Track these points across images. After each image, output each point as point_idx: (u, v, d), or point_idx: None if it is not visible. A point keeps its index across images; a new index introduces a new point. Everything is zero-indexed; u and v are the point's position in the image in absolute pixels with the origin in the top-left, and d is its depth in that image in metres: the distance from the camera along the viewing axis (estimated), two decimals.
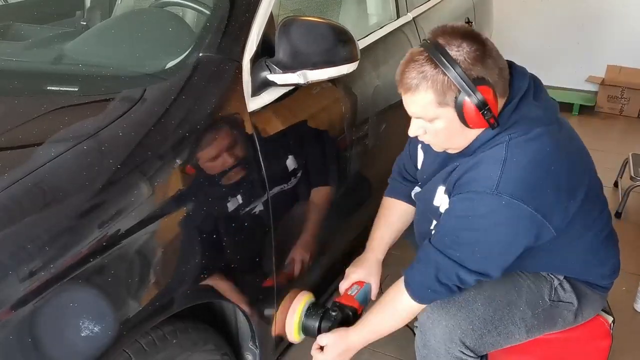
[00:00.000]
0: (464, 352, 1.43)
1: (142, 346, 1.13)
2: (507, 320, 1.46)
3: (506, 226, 1.31)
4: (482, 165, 1.32)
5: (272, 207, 1.40)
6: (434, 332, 1.44)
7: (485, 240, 1.33)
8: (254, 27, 1.38)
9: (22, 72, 1.42)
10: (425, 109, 1.30)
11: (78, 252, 0.95)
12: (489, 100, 1.25)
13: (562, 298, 1.50)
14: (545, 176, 1.29)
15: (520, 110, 1.33)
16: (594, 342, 1.66)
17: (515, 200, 1.26)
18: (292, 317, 1.59)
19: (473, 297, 1.45)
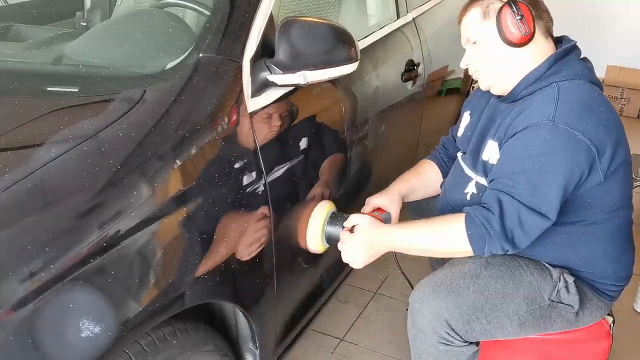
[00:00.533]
0: (450, 334, 1.43)
1: (142, 347, 1.13)
2: (499, 311, 1.45)
3: (564, 153, 1.32)
4: (535, 105, 1.37)
5: (272, 207, 1.40)
6: (422, 312, 1.44)
7: (545, 171, 1.33)
8: (253, 28, 1.39)
9: (22, 72, 1.42)
10: (472, 27, 1.44)
11: (78, 253, 0.95)
12: (525, 14, 1.37)
13: (562, 300, 1.49)
14: (597, 114, 1.35)
15: (567, 61, 1.42)
16: (594, 343, 1.65)
17: (572, 129, 1.30)
18: (315, 224, 1.53)
19: (466, 284, 1.45)
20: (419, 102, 2.34)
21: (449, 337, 1.44)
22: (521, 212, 1.33)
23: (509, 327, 1.48)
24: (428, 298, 1.44)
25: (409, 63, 2.18)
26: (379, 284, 2.46)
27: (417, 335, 1.48)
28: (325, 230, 1.54)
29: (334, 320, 2.23)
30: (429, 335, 1.45)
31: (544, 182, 1.33)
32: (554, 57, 1.41)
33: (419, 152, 2.47)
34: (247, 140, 1.33)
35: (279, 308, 1.54)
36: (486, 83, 1.51)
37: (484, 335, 1.48)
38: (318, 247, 1.57)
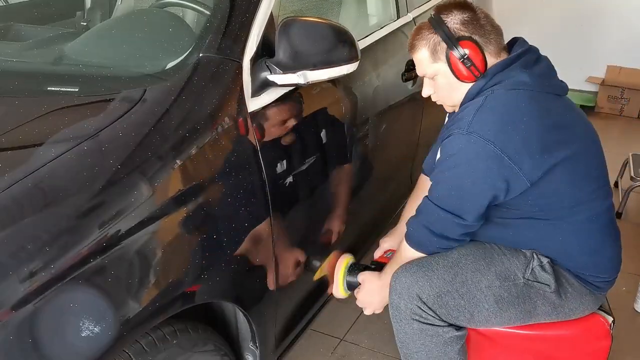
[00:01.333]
0: (422, 309, 1.49)
1: (142, 347, 1.13)
2: (471, 285, 1.50)
3: (476, 163, 1.41)
4: (462, 113, 1.47)
5: (272, 208, 1.40)
6: (395, 290, 1.53)
7: (457, 178, 1.45)
8: (254, 28, 1.38)
9: (23, 72, 1.42)
10: (425, 66, 1.55)
11: (78, 253, 0.95)
12: (471, 53, 1.46)
13: (538, 278, 1.52)
14: (515, 124, 1.40)
15: (507, 72, 1.48)
16: (594, 343, 1.65)
17: (482, 139, 1.38)
18: (337, 276, 1.81)
19: (436, 260, 1.53)
20: (419, 102, 2.33)
21: (421, 313, 1.49)
22: (440, 214, 1.47)
23: (485, 304, 1.51)
24: (401, 275, 1.53)
25: (409, 63, 2.17)
26: None
27: (394, 315, 1.55)
28: (345, 281, 1.83)
29: (334, 320, 2.23)
30: (402, 312, 1.51)
31: (458, 188, 1.45)
32: (494, 70, 1.49)
33: (419, 152, 2.47)
34: (247, 140, 1.33)
35: (279, 308, 1.54)
36: (450, 108, 1.64)
37: (459, 311, 1.51)
38: (341, 295, 1.86)
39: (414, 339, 1.52)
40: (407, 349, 1.55)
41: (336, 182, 1.77)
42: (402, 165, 2.35)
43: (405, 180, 2.44)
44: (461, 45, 1.46)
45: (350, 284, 1.82)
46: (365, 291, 1.73)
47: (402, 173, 2.37)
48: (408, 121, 2.31)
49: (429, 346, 1.51)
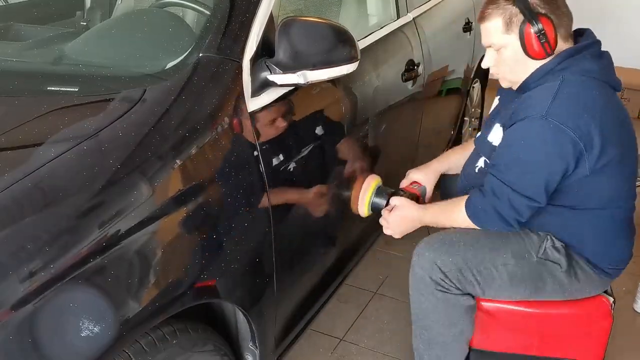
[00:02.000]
0: (444, 281, 1.59)
1: (142, 346, 1.13)
2: (488, 262, 1.59)
3: (552, 147, 1.45)
4: (535, 98, 1.49)
5: (272, 207, 1.40)
6: (419, 263, 1.62)
7: (533, 161, 1.49)
8: (254, 28, 1.38)
9: (23, 72, 1.42)
10: (494, 36, 1.53)
11: (78, 253, 0.95)
12: (547, 31, 1.46)
13: (550, 257, 1.59)
14: (591, 113, 1.44)
15: (578, 59, 1.51)
16: (595, 322, 1.72)
17: (562, 125, 1.42)
18: (364, 195, 1.84)
19: (457, 238, 1.63)
20: (419, 102, 2.34)
21: (443, 284, 1.60)
22: (510, 195, 1.50)
23: (499, 280, 1.61)
24: (424, 250, 1.63)
25: (409, 63, 2.17)
26: (379, 284, 2.46)
27: (416, 286, 1.64)
28: (372, 201, 1.84)
29: (334, 320, 2.23)
30: (427, 283, 1.61)
31: (531, 170, 1.49)
32: (566, 54, 1.51)
33: (419, 151, 2.47)
34: (247, 140, 1.33)
35: (279, 308, 1.54)
36: (507, 83, 1.64)
37: (475, 285, 1.61)
38: (364, 213, 1.87)
39: (437, 308, 1.62)
40: (428, 318, 1.65)
41: (336, 182, 1.77)
42: (402, 165, 2.34)
43: None
44: (540, 20, 1.46)
45: (376, 205, 1.84)
46: (398, 215, 1.76)
47: (402, 173, 2.37)
48: (408, 121, 2.31)
49: (450, 313, 1.62)
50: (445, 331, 1.65)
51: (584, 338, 1.74)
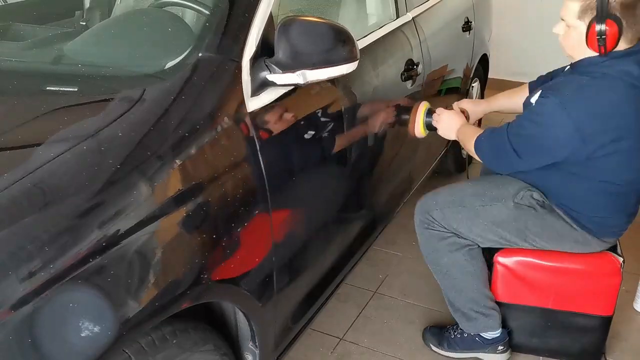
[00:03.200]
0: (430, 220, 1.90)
1: (142, 346, 1.12)
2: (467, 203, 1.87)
3: (562, 134, 1.64)
4: (568, 81, 1.70)
5: (272, 207, 1.40)
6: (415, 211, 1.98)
7: (537, 135, 1.70)
8: (253, 27, 1.38)
9: (22, 72, 1.42)
10: (569, 15, 1.69)
11: (78, 253, 0.95)
12: (610, 35, 1.61)
13: (524, 202, 1.82)
14: (606, 117, 1.62)
15: (622, 59, 1.65)
16: (605, 279, 1.89)
17: (572, 120, 1.61)
18: (418, 118, 2.17)
19: (444, 189, 1.95)
20: (418, 101, 2.34)
21: (429, 223, 1.91)
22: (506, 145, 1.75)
23: (480, 219, 1.86)
24: (419, 200, 1.99)
25: (409, 62, 2.17)
26: (378, 283, 2.47)
27: (417, 230, 1.98)
28: (425, 120, 2.17)
29: (334, 319, 2.24)
30: (419, 225, 1.96)
31: (534, 142, 1.72)
32: (614, 54, 1.66)
33: (418, 151, 2.47)
34: (247, 140, 1.33)
35: (279, 307, 1.54)
36: (566, 54, 1.80)
37: (459, 224, 1.88)
38: (421, 133, 2.20)
39: (429, 243, 1.94)
40: (429, 254, 1.97)
41: (336, 181, 1.77)
42: (401, 164, 2.35)
43: (404, 180, 2.44)
44: (607, 23, 1.59)
45: (430, 125, 2.15)
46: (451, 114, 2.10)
47: (401, 172, 2.37)
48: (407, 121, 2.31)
49: (439, 249, 1.92)
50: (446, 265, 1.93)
51: (595, 294, 1.92)
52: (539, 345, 2.03)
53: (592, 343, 1.99)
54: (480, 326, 1.97)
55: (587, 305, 1.94)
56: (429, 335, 2.12)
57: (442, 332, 2.09)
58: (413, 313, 2.29)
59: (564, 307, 1.95)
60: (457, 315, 2.00)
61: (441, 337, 2.08)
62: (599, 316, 1.94)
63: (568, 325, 1.97)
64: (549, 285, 1.93)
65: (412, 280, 2.49)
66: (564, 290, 1.93)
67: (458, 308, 1.98)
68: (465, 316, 1.97)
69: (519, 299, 1.97)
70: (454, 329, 2.06)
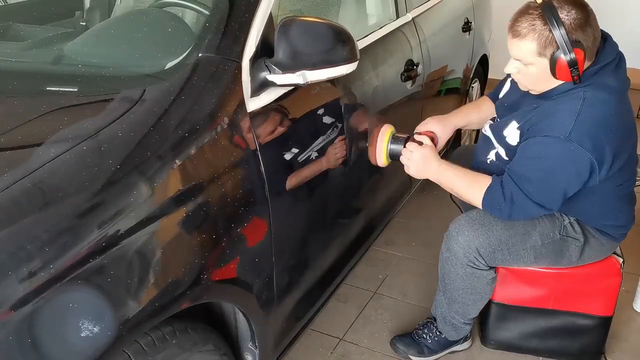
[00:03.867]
0: (477, 259, 1.78)
1: (142, 346, 1.13)
2: (519, 245, 1.78)
3: (571, 167, 1.59)
4: (558, 114, 1.58)
5: (272, 208, 1.40)
6: (457, 240, 1.79)
7: (553, 178, 1.61)
8: (253, 28, 1.38)
9: (22, 72, 1.42)
10: (525, 55, 1.58)
11: (78, 253, 0.95)
12: (579, 62, 1.52)
13: (569, 234, 1.79)
14: (607, 135, 1.57)
15: (600, 75, 1.59)
16: (605, 279, 1.90)
17: (582, 148, 1.54)
18: (380, 145, 1.90)
19: (495, 222, 1.77)
20: (418, 101, 2.34)
21: (476, 262, 1.79)
22: (528, 205, 1.64)
23: (525, 259, 1.82)
24: (463, 228, 1.78)
25: (409, 63, 2.18)
26: (378, 283, 2.47)
27: (450, 258, 1.82)
28: (389, 148, 1.89)
29: (334, 320, 2.23)
30: (460, 258, 1.79)
31: (550, 185, 1.62)
32: (589, 73, 1.58)
33: None
34: (247, 140, 1.33)
35: (278, 308, 1.54)
36: (524, 88, 1.71)
37: (503, 262, 1.83)
38: (383, 162, 1.93)
39: (464, 280, 1.83)
40: (453, 286, 1.86)
41: (335, 181, 1.77)
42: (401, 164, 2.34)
43: (404, 180, 2.44)
44: (575, 52, 1.50)
45: (394, 152, 1.90)
46: (422, 154, 1.82)
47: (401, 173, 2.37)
48: (407, 121, 2.31)
49: (475, 286, 1.84)
50: (467, 297, 1.87)
51: (595, 294, 1.93)
52: (539, 345, 2.03)
53: (592, 343, 2.00)
54: (464, 333, 2.02)
55: (587, 306, 1.94)
56: (402, 346, 2.05)
57: (415, 340, 2.05)
58: (413, 313, 2.29)
59: (564, 307, 1.95)
60: (446, 327, 1.99)
61: (417, 345, 2.04)
62: (598, 316, 1.95)
63: (568, 326, 1.97)
64: (549, 286, 1.93)
65: (411, 280, 2.49)
66: (565, 291, 1.93)
67: (450, 322, 1.97)
68: (455, 328, 1.98)
69: (520, 300, 1.97)
70: (426, 332, 2.04)
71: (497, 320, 2.02)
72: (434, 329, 2.04)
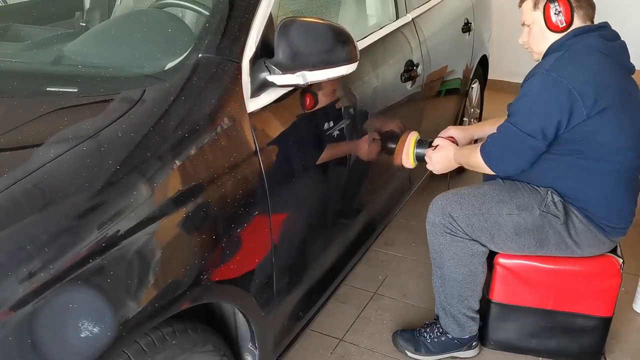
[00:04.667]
0: (452, 225, 1.87)
1: (142, 347, 1.13)
2: (494, 211, 1.85)
3: (550, 93, 1.73)
4: (544, 61, 1.83)
5: (272, 208, 1.40)
6: (432, 210, 1.92)
7: (535, 105, 1.76)
8: (253, 28, 1.39)
9: (22, 73, 1.42)
10: (527, 15, 1.89)
11: (77, 253, 0.95)
12: (564, 8, 1.80)
13: (550, 211, 1.82)
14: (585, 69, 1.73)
15: (585, 36, 1.81)
16: (605, 280, 1.92)
17: (558, 76, 1.72)
18: (408, 148, 2.14)
19: (469, 191, 1.91)
20: (418, 102, 2.34)
21: (452, 228, 1.87)
22: (515, 133, 1.76)
23: (504, 229, 1.85)
24: (438, 200, 1.93)
25: (409, 63, 2.18)
26: (378, 284, 2.47)
27: (430, 230, 1.93)
28: (416, 152, 2.14)
29: (333, 320, 2.24)
30: (437, 226, 1.90)
31: (533, 112, 1.75)
32: (576, 32, 1.82)
33: None
34: (247, 141, 1.33)
35: (278, 308, 1.54)
36: (536, 57, 1.94)
37: (482, 232, 1.86)
38: (411, 164, 2.17)
39: (447, 249, 1.90)
40: (441, 258, 1.93)
41: (335, 182, 1.77)
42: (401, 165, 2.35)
43: (403, 181, 2.44)
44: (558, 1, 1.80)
45: (420, 155, 2.13)
46: (440, 154, 2.07)
47: (400, 173, 2.37)
48: (407, 121, 2.31)
49: (459, 255, 1.89)
50: (455, 269, 1.90)
51: (595, 294, 1.94)
52: (539, 346, 2.03)
53: (592, 344, 2.00)
54: (468, 330, 2.00)
55: (587, 306, 1.95)
56: (402, 341, 2.08)
57: (415, 337, 2.07)
58: (412, 314, 2.29)
59: (563, 308, 1.96)
60: (448, 322, 2.00)
61: (416, 342, 2.05)
62: (598, 317, 1.95)
63: (568, 326, 1.98)
64: (549, 286, 1.94)
65: (411, 281, 2.49)
66: (564, 291, 1.94)
67: (452, 314, 1.98)
68: (457, 322, 1.98)
69: (519, 300, 1.98)
70: (427, 332, 2.05)
71: (497, 320, 2.02)
72: (436, 329, 2.04)
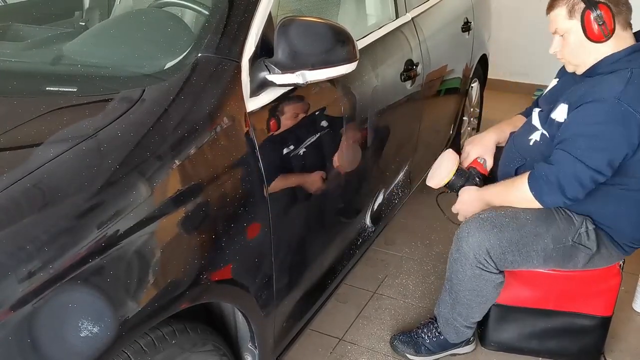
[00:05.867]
0: (487, 261, 1.78)
1: (141, 347, 1.13)
2: (530, 247, 1.78)
3: (620, 127, 1.63)
4: (607, 83, 1.67)
5: (271, 208, 1.40)
6: (467, 241, 1.79)
7: (602, 138, 1.65)
8: (252, 28, 1.38)
9: (21, 72, 1.42)
10: (560, 23, 1.73)
11: (77, 253, 0.95)
12: (605, 16, 1.65)
13: (583, 242, 1.79)
14: None
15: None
16: (605, 280, 1.92)
17: (631, 109, 1.61)
18: (446, 174, 1.99)
19: (507, 222, 1.78)
20: (417, 101, 2.34)
21: (485, 264, 1.79)
22: (576, 166, 1.66)
23: (535, 261, 1.81)
24: (474, 229, 1.79)
25: (408, 63, 2.18)
26: (377, 284, 2.47)
27: (459, 259, 1.83)
28: (451, 179, 1.99)
29: (333, 320, 2.24)
30: (470, 259, 1.79)
31: (600, 145, 1.65)
32: (632, 48, 1.70)
33: (418, 151, 2.47)
34: (246, 140, 1.33)
35: (278, 308, 1.54)
36: (572, 68, 1.81)
37: (512, 265, 1.81)
38: (440, 186, 2.03)
39: (471, 282, 1.82)
40: (460, 287, 1.86)
41: (335, 182, 1.77)
42: (401, 164, 2.35)
43: (404, 180, 2.44)
44: (599, 7, 1.65)
45: (452, 185, 2.00)
46: (462, 202, 1.96)
47: (401, 172, 2.37)
48: (407, 121, 2.31)
49: (481, 288, 1.83)
50: (472, 299, 1.86)
51: (595, 294, 1.93)
52: (539, 346, 2.03)
53: (591, 343, 2.00)
54: (464, 337, 2.01)
55: (587, 306, 1.95)
56: (401, 345, 2.06)
57: (413, 339, 2.06)
58: (412, 313, 2.29)
59: (563, 308, 1.96)
60: (447, 328, 1.99)
61: (415, 344, 2.04)
62: (598, 317, 1.95)
63: (567, 326, 1.98)
64: (549, 287, 1.94)
65: (411, 280, 2.49)
66: (564, 291, 1.94)
67: (452, 324, 1.96)
68: (456, 330, 1.97)
69: (519, 301, 1.97)
70: (425, 332, 2.05)
71: (497, 321, 2.02)
72: (434, 329, 2.03)
